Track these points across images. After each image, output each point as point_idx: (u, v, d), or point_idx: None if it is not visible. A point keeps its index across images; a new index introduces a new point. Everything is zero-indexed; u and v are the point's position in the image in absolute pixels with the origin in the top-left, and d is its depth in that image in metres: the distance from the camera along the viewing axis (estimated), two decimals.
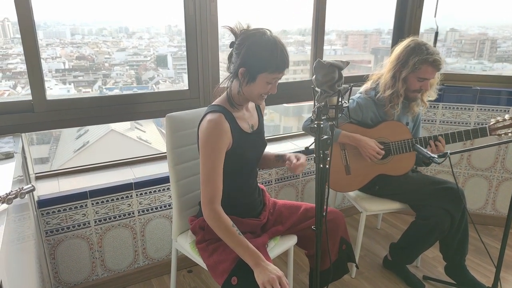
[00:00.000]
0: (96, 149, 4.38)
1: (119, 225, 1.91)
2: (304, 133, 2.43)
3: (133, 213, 1.93)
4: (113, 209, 1.87)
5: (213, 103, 1.44)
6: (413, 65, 1.79)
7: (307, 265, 2.14)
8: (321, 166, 1.15)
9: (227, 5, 2.04)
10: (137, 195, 1.91)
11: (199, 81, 2.06)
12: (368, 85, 2.00)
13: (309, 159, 2.42)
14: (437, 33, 2.49)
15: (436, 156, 1.58)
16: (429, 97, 1.95)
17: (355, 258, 1.71)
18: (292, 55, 1.38)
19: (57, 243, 1.79)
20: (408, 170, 1.94)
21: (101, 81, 3.78)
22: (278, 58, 1.30)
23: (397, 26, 2.73)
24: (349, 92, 1.16)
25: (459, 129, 1.87)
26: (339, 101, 1.12)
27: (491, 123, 1.81)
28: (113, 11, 3.08)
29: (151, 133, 4.84)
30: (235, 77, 1.36)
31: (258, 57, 1.30)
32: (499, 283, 1.71)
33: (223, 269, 1.33)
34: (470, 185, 2.61)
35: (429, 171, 2.67)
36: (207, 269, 1.42)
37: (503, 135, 1.79)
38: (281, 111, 4.99)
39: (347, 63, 1.13)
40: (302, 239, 1.64)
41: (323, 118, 1.13)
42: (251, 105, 1.54)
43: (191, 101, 2.07)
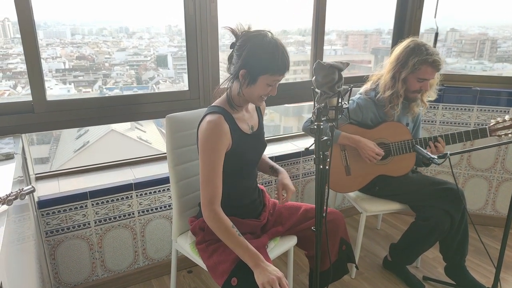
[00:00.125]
0: (96, 149, 4.38)
1: (119, 226, 1.91)
2: (304, 133, 2.43)
3: (133, 214, 1.93)
4: (113, 209, 1.87)
5: (213, 104, 1.44)
6: (413, 65, 1.79)
7: (307, 266, 2.14)
8: (321, 167, 1.15)
9: (227, 5, 2.04)
10: (137, 195, 1.91)
11: (199, 82, 2.06)
12: (368, 86, 2.00)
13: (309, 160, 2.42)
14: (437, 34, 2.49)
15: (436, 157, 1.58)
16: (429, 97, 1.95)
17: (355, 258, 1.71)
18: (292, 55, 1.38)
19: (57, 243, 1.79)
20: (408, 170, 1.94)
21: (101, 81, 3.78)
22: (279, 60, 1.30)
23: (397, 27, 2.73)
24: (349, 93, 1.16)
25: (459, 129, 1.87)
26: (339, 102, 1.12)
27: (491, 124, 1.80)
28: (113, 11, 3.08)
29: (151, 133, 4.84)
30: (236, 79, 1.36)
31: (259, 59, 1.30)
32: (499, 284, 1.71)
33: (223, 270, 1.33)
34: (470, 185, 2.61)
35: (429, 171, 2.67)
36: (207, 269, 1.42)
37: (503, 135, 1.79)
38: (281, 111, 4.99)
39: (347, 64, 1.13)
40: (302, 240, 1.64)
41: (323, 119, 1.13)
42: (251, 106, 1.54)
43: (191, 101, 2.07)
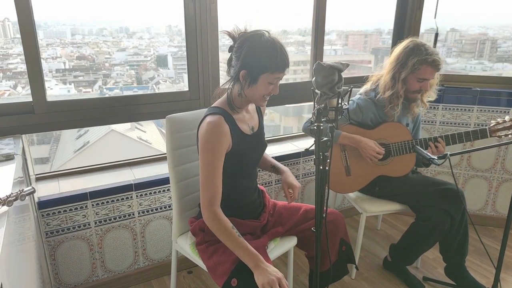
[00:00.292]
0: (96, 149, 4.38)
1: (119, 226, 1.91)
2: (304, 134, 2.43)
3: (133, 214, 1.93)
4: (113, 210, 1.87)
5: (213, 105, 1.44)
6: (413, 65, 1.79)
7: (307, 266, 2.14)
8: (321, 167, 1.15)
9: (227, 5, 2.04)
10: (137, 196, 1.91)
11: (199, 82, 2.06)
12: (367, 86, 2.00)
13: (309, 160, 2.42)
14: (437, 34, 2.49)
15: (436, 157, 1.58)
16: (429, 97, 1.95)
17: (355, 259, 1.71)
18: (292, 55, 1.38)
19: (57, 244, 1.79)
20: (408, 171, 1.94)
21: (101, 81, 3.78)
22: (278, 57, 1.30)
23: (397, 27, 2.73)
24: (349, 94, 1.16)
25: (459, 130, 1.87)
26: (339, 103, 1.12)
27: (491, 124, 1.80)
28: (114, 11, 3.08)
29: (152, 133, 4.84)
30: (236, 80, 1.36)
31: (258, 58, 1.30)
32: (499, 284, 1.71)
33: (223, 271, 1.33)
34: (470, 186, 2.61)
35: (429, 172, 2.67)
36: (207, 270, 1.42)
37: (503, 136, 1.79)
38: (281, 111, 4.99)
39: (347, 65, 1.13)
40: (302, 240, 1.64)
41: (323, 120, 1.13)
42: (251, 106, 1.54)
43: (191, 102, 2.07)
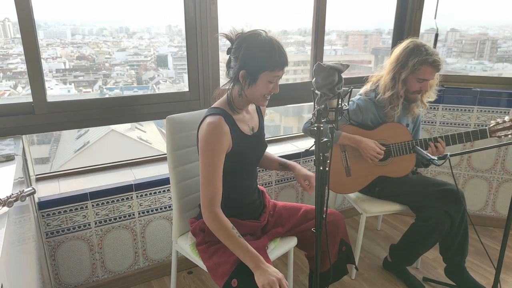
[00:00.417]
0: (96, 149, 4.38)
1: (119, 227, 1.92)
2: (304, 134, 2.43)
3: (134, 215, 1.93)
4: (114, 210, 1.87)
5: (213, 106, 1.44)
6: (413, 66, 1.79)
7: (307, 267, 2.14)
8: (321, 168, 1.15)
9: (227, 5, 2.04)
10: (137, 196, 1.91)
11: (199, 83, 2.06)
12: (367, 87, 2.00)
13: (309, 161, 2.42)
14: (437, 35, 2.49)
15: (436, 158, 1.58)
16: (428, 98, 1.95)
17: (354, 259, 1.71)
18: (292, 55, 1.38)
19: (57, 244, 1.80)
20: (408, 171, 1.94)
21: (101, 81, 3.77)
22: (276, 55, 1.30)
23: (397, 27, 2.73)
24: (349, 94, 1.16)
25: (459, 130, 1.87)
26: (339, 103, 1.12)
27: (491, 125, 1.80)
28: (114, 11, 3.08)
29: (152, 133, 4.84)
30: (236, 81, 1.36)
31: (256, 57, 1.30)
32: (498, 285, 1.70)
33: (223, 271, 1.33)
34: (470, 186, 2.61)
35: (429, 172, 2.67)
36: (207, 271, 1.42)
37: (503, 136, 1.79)
38: (281, 111, 4.99)
39: (347, 66, 1.13)
40: (302, 241, 1.64)
41: (323, 120, 1.13)
42: (252, 107, 1.54)
43: (192, 102, 2.07)
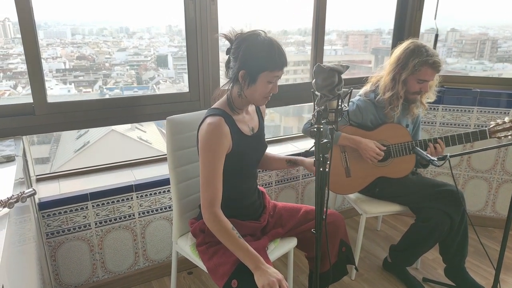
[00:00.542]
0: (96, 149, 4.38)
1: (119, 227, 1.92)
2: (304, 135, 2.43)
3: (134, 215, 1.94)
4: (114, 211, 1.88)
5: (213, 107, 1.44)
6: (413, 67, 1.80)
7: (307, 267, 2.15)
8: (321, 169, 1.15)
9: (227, 5, 2.05)
10: (137, 197, 1.92)
11: (199, 84, 2.06)
12: (367, 88, 2.00)
13: None
14: (437, 36, 2.49)
15: (435, 159, 1.58)
16: (428, 99, 1.95)
17: (354, 260, 1.72)
18: (292, 55, 1.38)
19: (57, 245, 1.80)
20: (408, 172, 1.95)
21: (101, 81, 3.78)
22: (276, 55, 1.31)
23: (397, 28, 2.72)
24: (349, 95, 1.16)
25: (459, 131, 1.87)
26: (339, 105, 1.12)
27: (491, 125, 1.81)
28: (114, 11, 3.08)
29: (152, 133, 4.84)
30: (235, 81, 1.36)
31: (256, 57, 1.31)
32: (498, 285, 1.71)
33: (223, 272, 1.33)
34: (470, 187, 2.61)
35: (429, 173, 2.67)
36: (207, 271, 1.42)
37: (503, 137, 1.79)
38: (281, 111, 4.99)
39: (347, 67, 1.13)
40: (302, 241, 1.64)
41: (323, 122, 1.13)
42: (251, 108, 1.54)
43: (192, 103, 2.07)
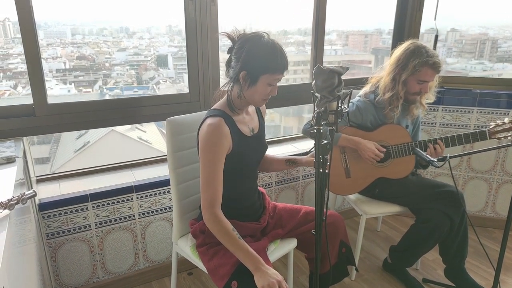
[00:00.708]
0: (96, 149, 4.38)
1: (119, 228, 1.92)
2: (304, 135, 2.43)
3: (134, 216, 1.94)
4: (114, 212, 1.88)
5: (213, 107, 1.45)
6: (413, 67, 1.80)
7: (307, 268, 2.15)
8: (321, 170, 1.15)
9: (227, 6, 2.05)
10: (137, 198, 1.92)
11: (199, 85, 2.06)
12: (367, 88, 2.00)
13: None
14: (437, 36, 2.49)
15: (435, 159, 1.58)
16: (427, 99, 1.96)
17: (354, 261, 1.72)
18: (292, 55, 1.39)
19: (58, 246, 1.80)
20: (408, 173, 1.95)
21: (101, 81, 3.77)
22: (278, 59, 1.31)
23: (397, 28, 2.72)
24: (349, 96, 1.16)
25: (458, 131, 1.87)
26: (339, 106, 1.13)
27: (491, 126, 1.81)
28: (114, 11, 3.08)
29: (152, 133, 4.84)
30: (236, 81, 1.37)
31: (258, 59, 1.31)
32: (498, 286, 1.71)
33: (224, 273, 1.34)
34: (470, 187, 2.61)
35: (429, 173, 2.67)
36: (207, 272, 1.42)
37: (503, 138, 1.79)
38: (281, 111, 4.98)
39: (347, 69, 1.13)
40: (302, 242, 1.65)
41: (323, 123, 1.13)
42: (251, 108, 1.54)
43: (192, 104, 2.08)
